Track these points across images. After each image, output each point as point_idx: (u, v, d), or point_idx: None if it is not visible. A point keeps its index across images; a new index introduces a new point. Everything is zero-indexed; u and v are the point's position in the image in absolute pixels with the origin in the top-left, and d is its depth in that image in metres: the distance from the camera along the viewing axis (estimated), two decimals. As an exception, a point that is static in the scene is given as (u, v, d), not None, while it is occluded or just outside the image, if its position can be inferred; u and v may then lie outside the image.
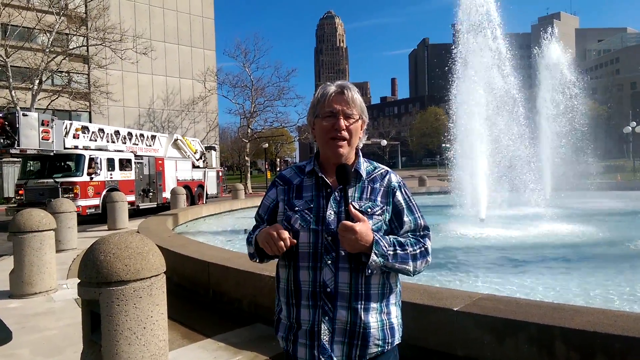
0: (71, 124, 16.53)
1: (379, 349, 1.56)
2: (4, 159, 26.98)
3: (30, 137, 14.52)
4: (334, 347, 1.53)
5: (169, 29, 45.63)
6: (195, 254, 5.26)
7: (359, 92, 1.67)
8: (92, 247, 2.56)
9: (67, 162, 15.81)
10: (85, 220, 14.83)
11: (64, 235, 9.01)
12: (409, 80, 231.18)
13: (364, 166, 1.68)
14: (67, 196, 14.25)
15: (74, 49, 31.56)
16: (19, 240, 5.63)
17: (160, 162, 20.01)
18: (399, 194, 1.65)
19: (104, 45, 30.77)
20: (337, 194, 1.60)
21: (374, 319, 1.55)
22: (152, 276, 2.59)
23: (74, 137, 16.30)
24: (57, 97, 30.75)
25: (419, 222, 1.65)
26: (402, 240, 1.58)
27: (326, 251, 1.55)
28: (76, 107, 35.85)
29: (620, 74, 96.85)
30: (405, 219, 1.63)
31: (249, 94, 42.50)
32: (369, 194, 1.62)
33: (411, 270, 1.57)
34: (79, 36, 32.22)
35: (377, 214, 1.59)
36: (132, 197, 17.36)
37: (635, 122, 42.11)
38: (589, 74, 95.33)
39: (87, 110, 38.10)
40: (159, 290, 2.64)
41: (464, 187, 12.09)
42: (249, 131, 42.85)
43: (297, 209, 1.62)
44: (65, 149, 15.72)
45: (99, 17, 30.74)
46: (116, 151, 17.56)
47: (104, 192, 15.87)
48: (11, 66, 27.43)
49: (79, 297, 2.68)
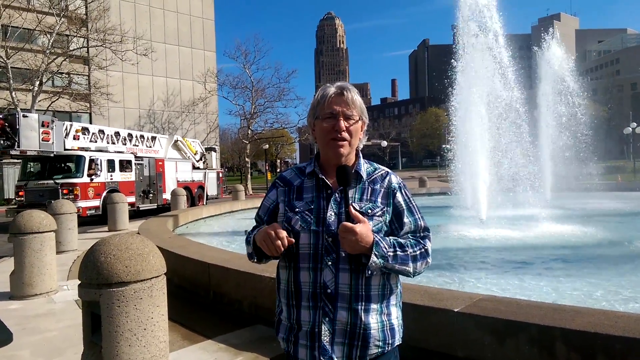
0: (71, 125, 16.55)
1: (379, 350, 1.56)
2: (4, 160, 27.03)
3: (30, 139, 14.53)
4: (335, 348, 1.53)
5: (169, 30, 45.71)
6: (195, 255, 5.26)
7: (358, 93, 1.67)
8: (92, 249, 2.56)
9: (68, 164, 15.83)
10: (85, 221, 14.83)
11: (64, 236, 9.02)
12: (409, 81, 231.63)
13: (364, 167, 1.68)
14: (67, 197, 14.26)
15: (74, 50, 31.60)
16: (19, 241, 5.63)
17: (160, 163, 20.02)
18: (399, 195, 1.65)
19: (105, 46, 30.82)
20: (337, 195, 1.60)
21: (374, 320, 1.55)
22: (153, 277, 2.59)
23: (74, 139, 16.31)
24: (57, 99, 30.79)
25: (419, 223, 1.65)
26: (402, 241, 1.58)
27: (327, 252, 1.55)
28: (76, 109, 35.91)
29: (620, 75, 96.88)
30: (405, 220, 1.63)
31: (249, 95, 42.57)
32: (369, 195, 1.62)
33: (411, 271, 1.57)
34: (80, 37, 32.28)
35: (377, 215, 1.59)
36: (132, 199, 17.38)
37: (635, 123, 42.12)
38: (589, 75, 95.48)
39: (88, 111, 38.17)
40: (160, 291, 2.64)
41: (464, 188, 12.09)
42: (249, 132, 42.87)
43: (297, 210, 1.62)
44: (65, 150, 15.73)
45: (100, 19, 30.78)
46: (116, 152, 17.57)
47: (104, 194, 15.88)
48: (12, 67, 27.46)
49: (79, 299, 2.68)
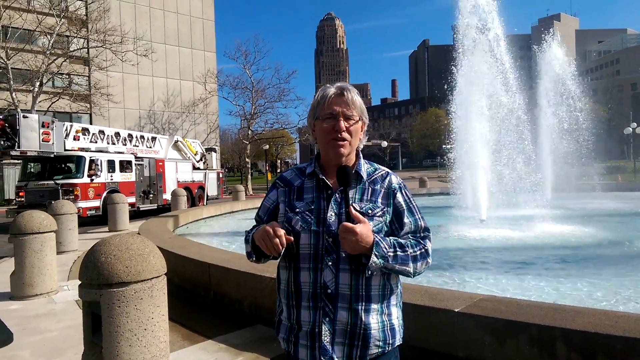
0: (71, 126, 16.55)
1: (380, 350, 1.56)
2: (4, 161, 27.03)
3: (30, 139, 14.54)
4: (335, 348, 1.53)
5: (169, 31, 45.71)
6: (196, 255, 5.26)
7: (358, 93, 1.67)
8: (92, 249, 2.56)
9: (68, 164, 15.83)
10: (85, 221, 14.84)
11: (64, 236, 9.03)
12: (409, 81, 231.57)
13: (365, 168, 1.68)
14: (67, 198, 14.27)
15: (74, 51, 31.61)
16: (19, 242, 5.63)
17: (160, 163, 20.02)
18: (399, 195, 1.65)
19: (105, 47, 30.84)
20: (337, 196, 1.60)
21: (374, 320, 1.55)
22: (153, 278, 2.59)
23: (75, 139, 16.31)
24: (57, 99, 30.80)
25: (420, 223, 1.65)
26: (402, 241, 1.58)
27: (327, 252, 1.55)
28: (77, 109, 35.95)
29: (620, 75, 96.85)
30: (405, 220, 1.63)
31: (249, 96, 42.56)
32: (369, 196, 1.62)
33: (411, 271, 1.57)
34: (80, 38, 32.29)
35: (377, 215, 1.59)
36: (132, 199, 17.37)
37: (635, 123, 42.11)
38: (589, 75, 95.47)
39: (88, 112, 38.18)
40: (160, 291, 2.64)
41: (465, 189, 12.09)
42: (250, 133, 42.87)
43: (298, 210, 1.62)
44: (65, 150, 15.73)
45: (100, 19, 30.80)
46: (116, 153, 17.57)
47: (105, 194, 15.88)
48: (12, 68, 27.47)
49: (79, 299, 2.68)
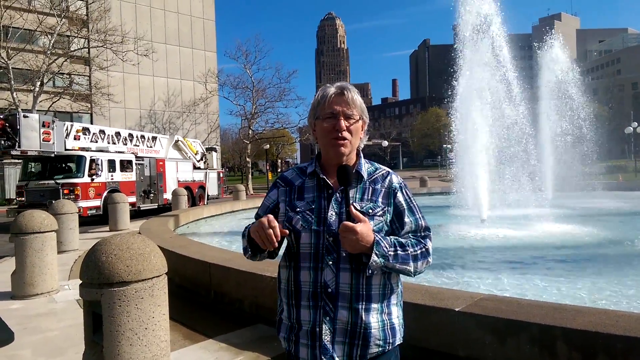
0: (72, 126, 16.56)
1: (380, 349, 1.56)
2: (5, 161, 27.06)
3: (31, 139, 14.55)
4: (335, 347, 1.53)
5: (170, 31, 45.73)
6: (196, 254, 5.26)
7: (358, 93, 1.67)
8: (93, 248, 2.56)
9: (68, 164, 15.84)
10: (86, 221, 14.84)
11: (65, 236, 9.03)
12: (410, 81, 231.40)
13: (365, 167, 1.68)
14: (68, 197, 14.28)
15: (75, 50, 31.65)
16: (20, 241, 5.64)
17: (161, 163, 20.03)
18: (400, 194, 1.65)
19: (105, 47, 30.86)
20: (338, 195, 1.60)
21: (374, 319, 1.55)
22: (154, 277, 2.59)
23: (75, 139, 16.32)
24: (58, 99, 30.83)
25: (420, 223, 1.65)
26: (403, 240, 1.58)
27: (327, 252, 1.56)
28: (77, 109, 35.96)
29: (621, 75, 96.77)
30: (406, 219, 1.63)
31: (250, 95, 42.60)
32: (370, 195, 1.62)
33: (412, 270, 1.57)
34: (80, 38, 32.32)
35: (378, 214, 1.59)
36: (133, 199, 17.37)
37: (636, 123, 42.09)
38: (590, 75, 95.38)
39: (89, 111, 38.21)
40: (161, 291, 2.64)
41: (465, 188, 12.08)
42: (250, 132, 42.89)
43: (298, 209, 1.62)
44: (66, 150, 15.74)
45: (100, 19, 30.83)
46: (117, 152, 17.58)
47: (105, 194, 15.89)
48: (13, 68, 27.50)
49: (80, 298, 2.68)
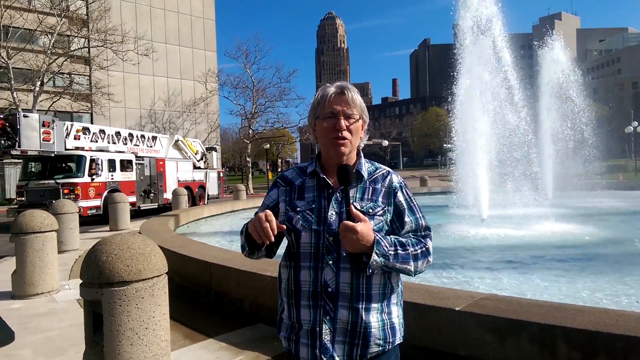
0: (72, 125, 16.56)
1: (380, 349, 1.56)
2: (5, 160, 27.06)
3: (31, 139, 14.55)
4: (335, 347, 1.53)
5: (170, 31, 45.72)
6: (196, 254, 5.27)
7: (358, 92, 1.67)
8: (94, 248, 2.56)
9: (68, 163, 15.84)
10: (86, 221, 14.85)
11: (66, 236, 9.03)
12: (410, 80, 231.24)
13: (366, 167, 1.68)
14: (68, 197, 14.28)
15: (75, 50, 31.64)
16: (21, 241, 5.64)
17: (161, 163, 20.03)
18: (400, 194, 1.65)
19: (105, 46, 30.85)
20: (338, 195, 1.60)
21: (374, 318, 1.55)
22: (154, 277, 2.59)
23: (75, 138, 16.32)
24: (58, 99, 30.83)
25: (420, 222, 1.65)
26: (403, 240, 1.58)
27: (327, 251, 1.56)
28: (78, 109, 35.95)
29: (621, 74, 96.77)
30: (406, 219, 1.63)
31: (250, 95, 42.57)
32: (370, 195, 1.62)
33: (412, 270, 1.57)
34: (81, 38, 32.31)
35: (378, 214, 1.59)
36: (133, 198, 17.37)
37: (636, 122, 42.07)
38: (590, 74, 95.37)
39: (89, 111, 38.21)
40: (161, 290, 2.64)
41: (465, 188, 12.08)
42: (250, 132, 42.88)
43: (298, 209, 1.62)
44: (66, 150, 15.74)
45: (100, 19, 30.81)
46: (117, 152, 17.57)
47: (105, 193, 15.90)
48: (13, 68, 27.49)
49: (81, 298, 2.68)
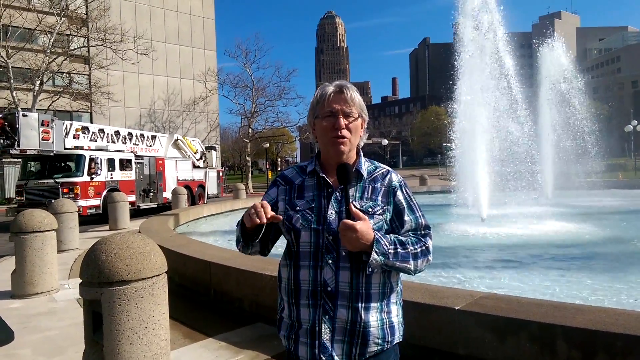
0: (71, 125, 16.54)
1: (379, 348, 1.56)
2: (4, 160, 27.03)
3: (30, 138, 14.53)
4: (334, 346, 1.53)
5: (169, 30, 45.68)
6: (196, 253, 5.27)
7: (357, 91, 1.66)
8: (93, 247, 2.56)
9: (68, 163, 15.82)
10: (86, 220, 14.84)
11: (65, 235, 9.03)
12: (410, 79, 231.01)
13: (365, 166, 1.68)
14: (67, 196, 14.27)
15: (74, 49, 31.60)
16: (20, 240, 5.64)
17: (160, 162, 20.02)
18: (399, 193, 1.65)
19: (105, 45, 30.80)
20: (338, 194, 1.60)
21: (374, 318, 1.55)
22: (154, 276, 2.59)
23: (74, 138, 16.30)
24: (58, 98, 30.79)
25: (420, 221, 1.65)
26: (403, 239, 1.58)
27: (327, 250, 1.56)
28: (77, 108, 35.91)
29: (621, 73, 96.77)
30: (406, 218, 1.63)
31: (249, 94, 42.58)
32: (369, 194, 1.62)
33: (412, 269, 1.57)
34: (80, 37, 32.26)
35: (378, 213, 1.59)
36: (132, 198, 17.36)
37: (636, 121, 42.10)
38: (590, 73, 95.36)
39: (88, 110, 38.17)
40: (161, 290, 2.64)
41: (465, 187, 12.08)
42: (250, 131, 42.88)
43: (298, 208, 1.62)
44: (65, 149, 15.73)
45: (100, 18, 30.76)
46: (116, 151, 17.56)
47: (105, 193, 15.89)
48: (12, 67, 27.45)
49: (80, 297, 2.68)
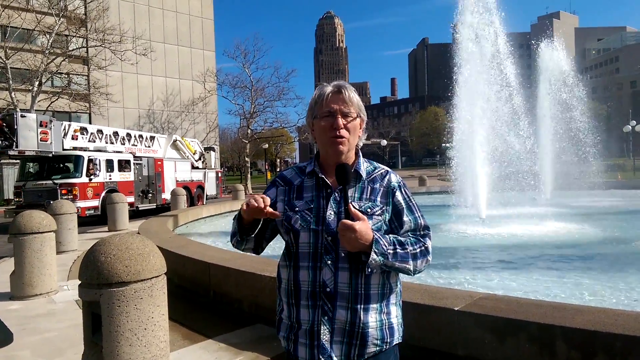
0: (70, 125, 16.50)
1: (377, 348, 1.56)
2: (2, 161, 27.00)
3: (28, 139, 14.49)
4: (333, 347, 1.53)
5: (168, 30, 45.66)
6: (195, 254, 5.26)
7: (355, 91, 1.66)
8: (92, 249, 2.56)
9: (66, 164, 15.79)
10: (84, 221, 14.82)
11: (64, 236, 9.01)
12: (409, 80, 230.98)
13: (364, 166, 1.68)
14: (66, 198, 14.25)
15: (73, 50, 31.53)
16: (19, 241, 5.63)
17: (159, 163, 19.99)
18: (398, 194, 1.65)
19: (104, 46, 30.77)
20: (337, 194, 1.60)
21: (373, 318, 1.55)
22: (153, 277, 2.59)
23: (73, 139, 16.27)
24: (57, 99, 30.74)
25: (419, 221, 1.65)
26: (402, 239, 1.58)
27: (326, 251, 1.55)
28: (76, 109, 35.88)
29: (619, 73, 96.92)
30: (405, 218, 1.63)
31: (248, 95, 42.54)
32: (368, 194, 1.62)
33: (411, 269, 1.57)
34: (79, 37, 32.20)
35: (377, 214, 1.59)
36: (131, 199, 17.35)
37: (635, 121, 42.18)
38: (588, 73, 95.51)
39: (87, 111, 38.13)
40: (160, 291, 2.64)
41: (464, 187, 12.09)
42: (249, 132, 42.86)
43: (297, 209, 1.62)
44: (64, 150, 15.69)
45: (99, 19, 30.73)
46: (115, 152, 17.53)
47: (103, 194, 15.87)
48: (11, 68, 27.40)
49: (79, 299, 2.68)
